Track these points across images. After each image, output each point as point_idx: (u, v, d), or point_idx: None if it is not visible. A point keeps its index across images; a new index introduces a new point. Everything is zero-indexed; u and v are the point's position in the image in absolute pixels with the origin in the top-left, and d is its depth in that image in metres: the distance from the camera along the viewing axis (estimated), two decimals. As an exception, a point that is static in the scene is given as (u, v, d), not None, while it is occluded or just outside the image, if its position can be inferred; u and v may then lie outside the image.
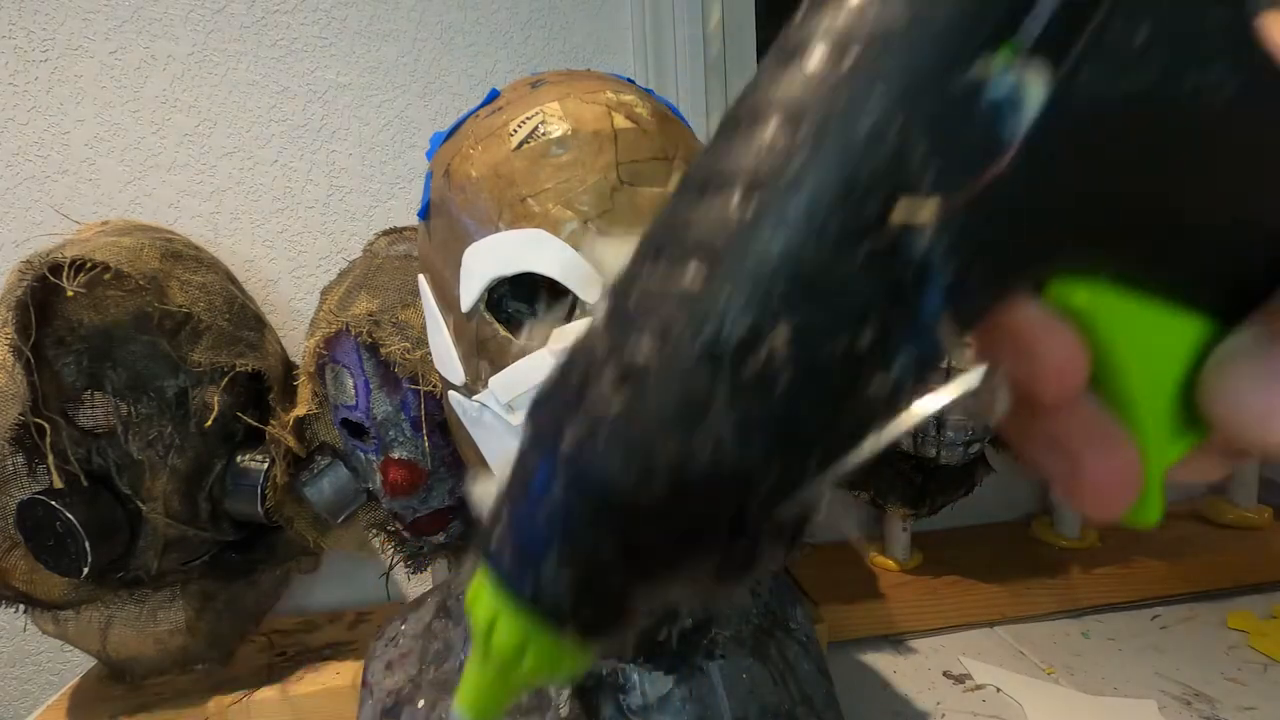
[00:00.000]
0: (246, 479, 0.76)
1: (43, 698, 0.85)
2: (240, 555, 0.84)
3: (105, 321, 0.75)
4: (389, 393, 0.68)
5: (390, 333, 0.65)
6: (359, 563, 0.99)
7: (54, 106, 0.89)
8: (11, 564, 0.73)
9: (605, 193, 0.40)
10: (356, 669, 0.81)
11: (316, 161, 0.96)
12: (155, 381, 0.76)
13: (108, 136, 0.90)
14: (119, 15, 0.89)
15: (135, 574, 0.77)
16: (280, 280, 0.97)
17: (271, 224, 0.96)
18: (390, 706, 0.54)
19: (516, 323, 0.45)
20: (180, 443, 0.76)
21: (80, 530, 0.67)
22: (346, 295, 0.69)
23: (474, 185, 0.42)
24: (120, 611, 0.77)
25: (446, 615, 0.58)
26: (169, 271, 0.70)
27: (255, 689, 0.79)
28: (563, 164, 0.40)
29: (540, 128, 0.41)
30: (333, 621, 0.95)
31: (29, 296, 0.67)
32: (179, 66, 0.91)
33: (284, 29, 0.93)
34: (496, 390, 0.41)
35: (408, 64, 0.96)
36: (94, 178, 0.91)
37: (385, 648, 0.59)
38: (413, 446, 0.69)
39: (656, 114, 0.43)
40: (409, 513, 0.72)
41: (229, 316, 0.74)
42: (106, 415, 0.76)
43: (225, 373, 0.73)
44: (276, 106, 0.94)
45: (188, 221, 0.93)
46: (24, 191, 0.90)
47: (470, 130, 0.45)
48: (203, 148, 0.93)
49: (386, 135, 0.97)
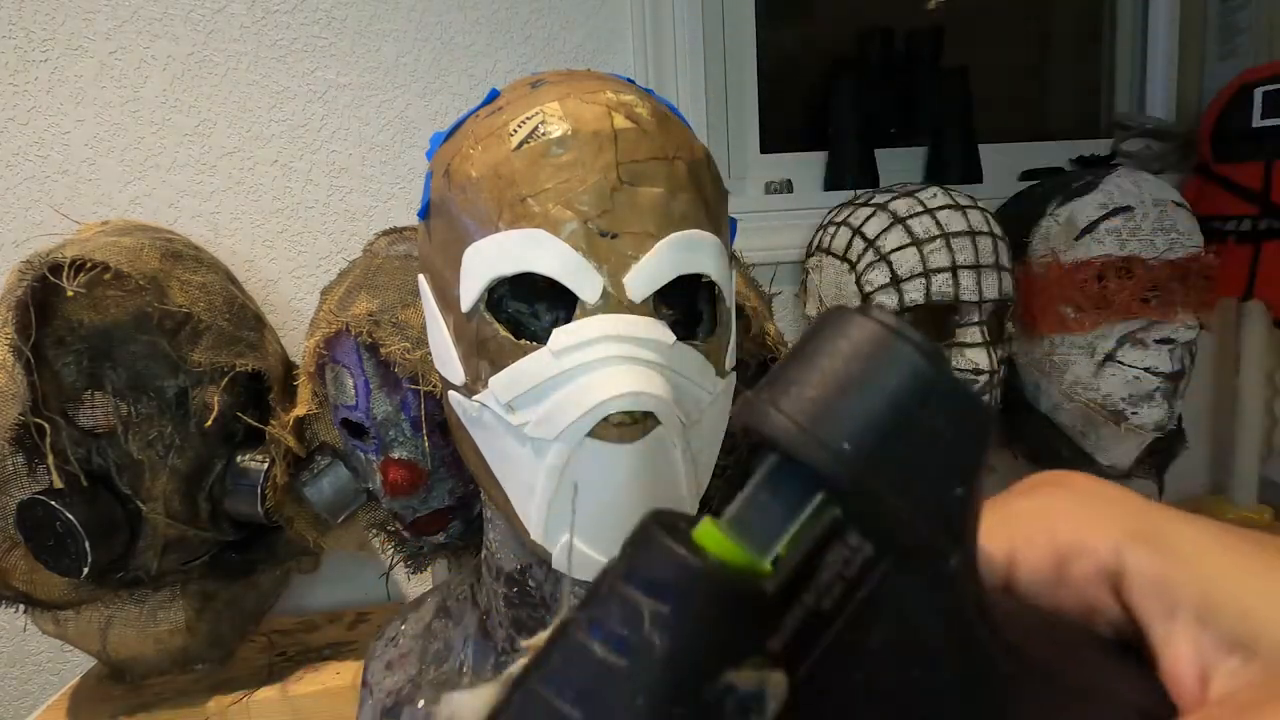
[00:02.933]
0: (246, 479, 0.76)
1: (43, 698, 0.85)
2: (240, 555, 0.84)
3: (105, 321, 0.75)
4: (389, 393, 0.68)
5: (390, 333, 0.65)
6: (359, 563, 0.99)
7: (54, 106, 0.89)
8: (11, 564, 0.73)
9: (605, 193, 0.40)
10: (356, 669, 0.81)
11: (316, 161, 0.96)
12: (155, 381, 0.76)
13: (108, 136, 0.90)
14: (119, 15, 0.89)
15: (135, 574, 0.77)
16: (280, 280, 0.97)
17: (271, 224, 0.96)
18: (390, 706, 0.54)
19: (516, 323, 0.45)
20: (180, 443, 0.76)
21: (80, 530, 0.67)
22: (346, 295, 0.69)
23: (474, 185, 0.42)
24: (120, 611, 0.77)
25: (446, 615, 0.58)
26: (169, 271, 0.70)
27: (255, 689, 0.79)
28: (563, 164, 0.40)
29: (540, 128, 0.41)
30: (333, 621, 0.95)
31: (29, 296, 0.67)
32: (179, 66, 0.91)
33: (284, 29, 0.93)
34: (496, 390, 0.41)
35: (408, 64, 0.96)
36: (94, 178, 0.91)
37: (385, 648, 0.59)
38: (413, 446, 0.69)
39: (656, 114, 0.43)
40: (409, 513, 0.72)
41: (229, 316, 0.74)
42: (106, 415, 0.76)
43: (225, 373, 0.73)
44: (276, 106, 0.94)
45: (188, 221, 0.93)
46: (24, 191, 0.90)
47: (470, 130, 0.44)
48: (203, 148, 0.93)
49: (386, 135, 0.97)
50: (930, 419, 0.17)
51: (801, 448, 0.17)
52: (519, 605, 0.51)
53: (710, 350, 0.44)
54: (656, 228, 0.41)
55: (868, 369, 0.17)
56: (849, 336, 0.17)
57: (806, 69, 1.24)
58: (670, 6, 0.99)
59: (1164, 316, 0.83)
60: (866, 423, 0.17)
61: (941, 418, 0.17)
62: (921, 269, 0.79)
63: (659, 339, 0.40)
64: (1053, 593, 0.21)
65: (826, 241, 0.90)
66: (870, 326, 0.17)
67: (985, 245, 0.80)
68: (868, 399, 0.17)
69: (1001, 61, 1.33)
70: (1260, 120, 1.00)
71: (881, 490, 0.16)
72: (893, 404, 0.17)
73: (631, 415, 0.39)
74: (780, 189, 1.13)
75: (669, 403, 0.39)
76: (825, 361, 0.17)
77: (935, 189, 0.84)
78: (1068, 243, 0.86)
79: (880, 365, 0.17)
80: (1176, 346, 0.83)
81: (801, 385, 0.17)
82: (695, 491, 0.44)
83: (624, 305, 0.40)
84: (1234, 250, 1.03)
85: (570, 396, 0.39)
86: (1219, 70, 1.18)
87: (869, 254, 0.83)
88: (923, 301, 0.79)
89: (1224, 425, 1.20)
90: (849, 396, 0.17)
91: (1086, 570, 0.21)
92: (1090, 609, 0.21)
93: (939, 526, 0.17)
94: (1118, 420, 0.85)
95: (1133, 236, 0.83)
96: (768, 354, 0.69)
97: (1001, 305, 0.82)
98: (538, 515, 0.42)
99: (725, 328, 0.45)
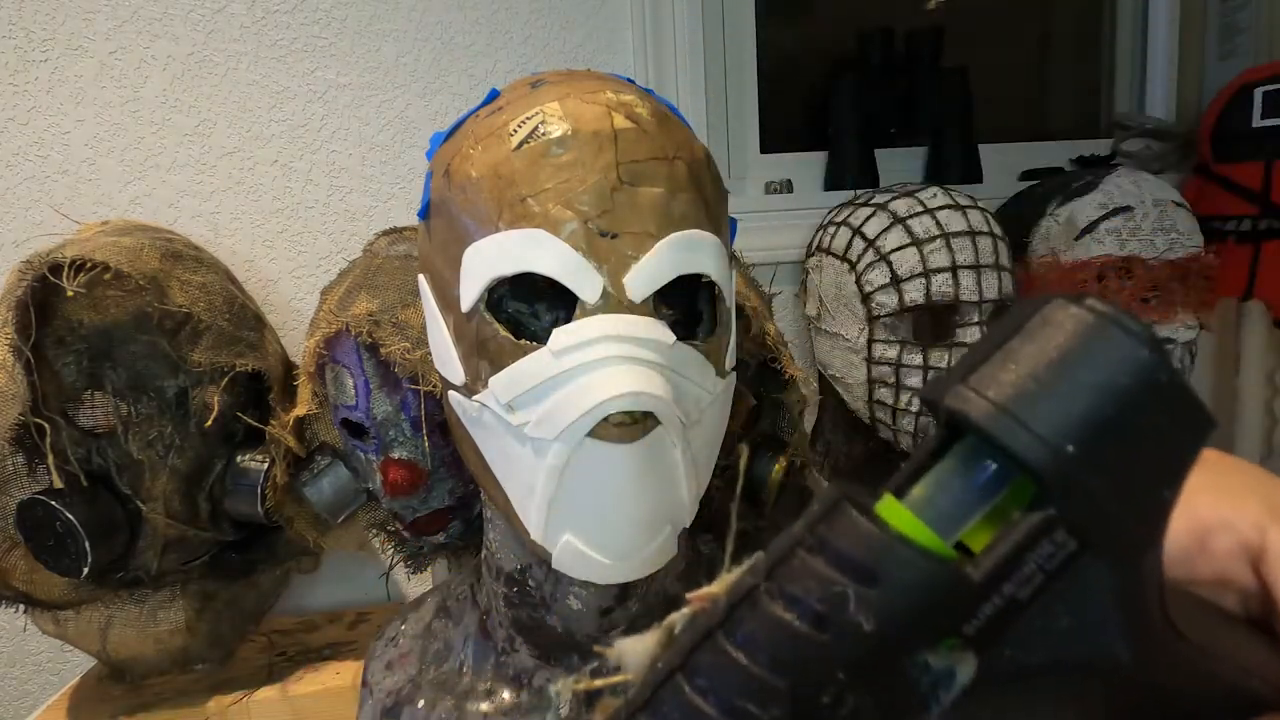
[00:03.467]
0: (246, 479, 0.76)
1: (43, 698, 0.85)
2: (240, 555, 0.84)
3: (105, 321, 0.74)
4: (389, 393, 0.68)
5: (390, 333, 0.65)
6: (359, 563, 0.99)
7: (54, 106, 0.89)
8: (11, 564, 0.73)
9: (605, 193, 0.40)
10: (356, 669, 0.81)
11: (316, 161, 0.96)
12: (155, 381, 0.76)
13: (108, 136, 0.90)
14: (119, 15, 0.89)
15: (135, 574, 0.77)
16: (280, 280, 0.97)
17: (271, 224, 0.96)
18: (390, 706, 0.54)
19: (516, 323, 0.45)
20: (180, 443, 0.76)
21: (80, 530, 0.67)
22: (346, 295, 0.69)
23: (474, 185, 0.42)
24: (120, 611, 0.77)
25: (446, 615, 0.58)
26: (169, 271, 0.70)
27: (255, 689, 0.79)
28: (563, 164, 0.40)
29: (540, 128, 0.41)
30: (333, 621, 0.95)
31: (29, 296, 0.67)
32: (179, 66, 0.91)
33: (284, 29, 0.93)
34: (496, 390, 0.41)
35: (408, 64, 0.96)
36: (94, 178, 0.91)
37: (385, 648, 0.59)
38: (413, 446, 0.69)
39: (656, 114, 0.43)
40: (409, 513, 0.72)
41: (229, 316, 0.74)
42: (106, 415, 0.76)
43: (225, 373, 0.73)
44: (276, 106, 0.94)
45: (188, 221, 0.93)
46: (24, 191, 0.90)
47: (470, 130, 0.44)
48: (203, 148, 0.93)
49: (386, 135, 0.97)
50: (1150, 418, 0.16)
51: (1012, 438, 0.16)
52: (519, 605, 0.51)
53: (710, 350, 0.44)
54: (656, 228, 0.41)
55: (1085, 358, 0.16)
56: (1057, 323, 0.17)
57: (806, 69, 1.24)
58: (670, 6, 0.99)
59: (1164, 317, 0.83)
60: (1085, 419, 0.16)
61: (1164, 416, 0.16)
62: (921, 269, 0.79)
63: (659, 339, 0.40)
64: (1190, 565, 0.22)
65: (826, 241, 0.90)
66: (1082, 314, 0.17)
67: (985, 245, 0.80)
68: (1087, 392, 0.16)
69: (1001, 61, 1.33)
70: (1260, 120, 1.00)
71: (1099, 493, 0.16)
72: (1118, 402, 0.16)
73: (631, 415, 0.39)
74: (780, 189, 1.13)
75: (669, 403, 0.39)
76: (1032, 346, 0.17)
77: (935, 189, 0.84)
78: (1068, 243, 0.86)
79: (1099, 356, 0.16)
80: (1176, 346, 0.83)
81: (1006, 369, 0.17)
82: (695, 491, 0.44)
83: (624, 305, 0.40)
84: (1234, 250, 1.03)
85: (570, 396, 0.39)
86: (1219, 70, 1.18)
87: (869, 254, 0.83)
88: (923, 301, 0.79)
89: (1224, 425, 1.20)
90: (1064, 387, 0.16)
91: (1228, 545, 0.21)
92: (1225, 582, 0.22)
93: (1145, 526, 0.17)
94: (1118, 420, 0.85)
95: (1133, 236, 0.83)
96: (768, 354, 0.69)
97: (1002, 305, 0.82)
98: (538, 515, 0.42)
99: (725, 328, 0.45)
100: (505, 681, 0.52)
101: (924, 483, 0.18)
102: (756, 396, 0.76)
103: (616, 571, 0.42)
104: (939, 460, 0.18)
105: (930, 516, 0.17)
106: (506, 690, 0.52)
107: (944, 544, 0.17)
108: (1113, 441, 0.16)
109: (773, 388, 0.75)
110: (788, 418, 0.74)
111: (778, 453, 0.72)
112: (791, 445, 0.73)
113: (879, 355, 0.82)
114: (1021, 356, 0.17)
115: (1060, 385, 0.16)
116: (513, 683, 0.52)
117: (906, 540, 0.16)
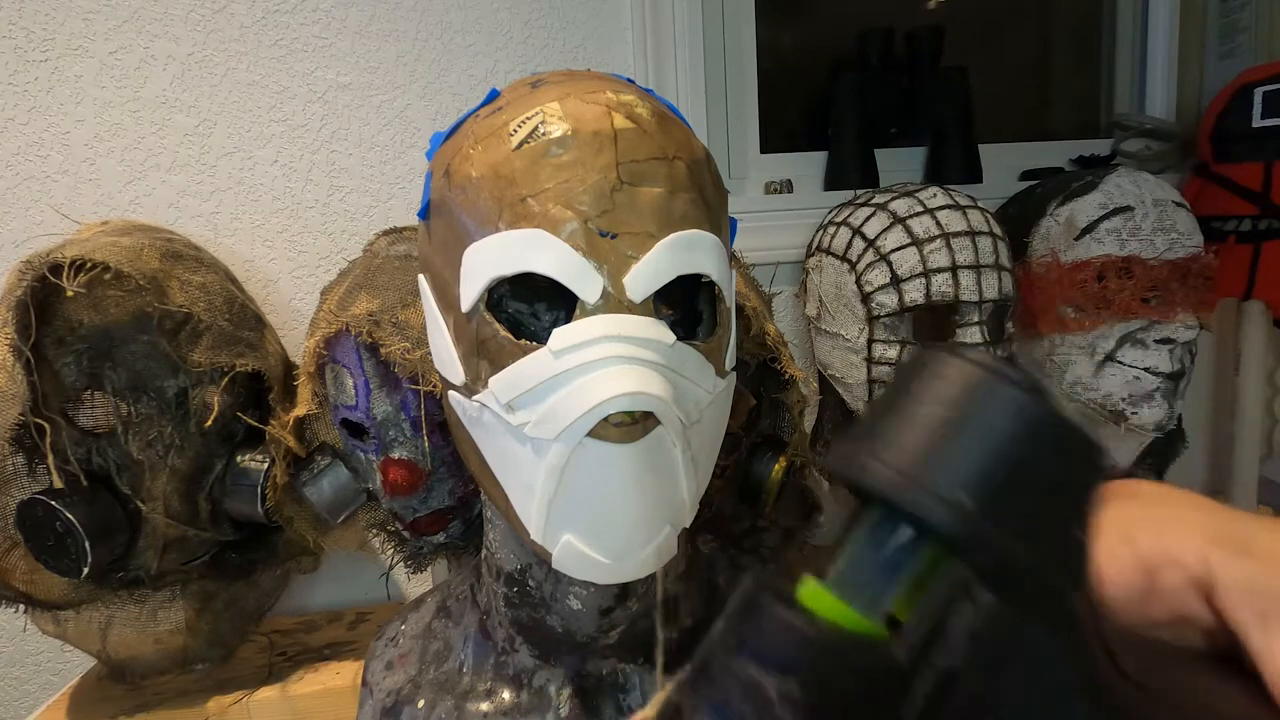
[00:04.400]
0: (246, 479, 0.76)
1: (43, 698, 0.85)
2: (240, 555, 0.84)
3: (105, 321, 0.75)
4: (389, 393, 0.68)
5: (390, 333, 0.65)
6: (359, 563, 0.99)
7: (54, 106, 0.89)
8: (11, 564, 0.73)
9: (605, 193, 0.40)
10: (356, 669, 0.81)
11: (316, 161, 0.96)
12: (155, 381, 0.76)
13: (108, 136, 0.90)
14: (119, 15, 0.89)
15: (135, 574, 0.77)
16: (280, 280, 0.97)
17: (271, 224, 0.96)
18: (390, 706, 0.54)
19: (516, 323, 0.45)
20: (180, 443, 0.76)
21: (80, 530, 0.67)
22: (346, 295, 0.69)
23: (474, 185, 0.42)
24: (120, 611, 0.77)
25: (446, 615, 0.58)
26: (169, 271, 0.70)
27: (255, 689, 0.79)
28: (563, 164, 0.40)
29: (540, 128, 0.41)
30: (333, 621, 0.94)
31: (29, 296, 0.67)
32: (179, 66, 0.91)
33: (284, 29, 0.93)
34: (496, 390, 0.41)
35: (408, 64, 0.96)
36: (94, 178, 0.91)
37: (385, 648, 0.59)
38: (413, 446, 0.69)
39: (656, 114, 0.43)
40: (409, 513, 0.72)
41: (229, 316, 0.74)
42: (106, 415, 0.76)
43: (225, 373, 0.73)
44: (276, 106, 0.94)
45: (188, 221, 0.93)
46: (24, 191, 0.90)
47: (470, 130, 0.44)
48: (203, 148, 0.93)
49: (386, 135, 0.97)
50: (1043, 460, 0.16)
51: (913, 502, 0.16)
52: (519, 605, 0.51)
53: (710, 350, 0.44)
54: (656, 228, 0.41)
55: (972, 414, 0.16)
56: (944, 378, 0.17)
57: (806, 69, 1.24)
58: (670, 6, 0.99)
59: (1164, 316, 0.83)
60: (981, 472, 0.16)
61: (1054, 458, 0.16)
62: (921, 269, 0.79)
63: (659, 339, 0.40)
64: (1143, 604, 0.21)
65: (826, 241, 0.90)
66: (965, 368, 0.17)
67: (985, 245, 0.80)
68: (978, 446, 0.16)
69: (1001, 61, 1.33)
70: (1260, 120, 1.00)
71: (1004, 542, 0.16)
72: (1005, 450, 0.16)
73: (631, 415, 0.39)
74: (780, 189, 1.13)
75: (669, 403, 0.39)
76: (923, 408, 0.17)
77: (935, 189, 0.84)
78: (1068, 243, 0.86)
79: (985, 409, 0.16)
80: (1176, 346, 0.83)
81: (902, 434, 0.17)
82: (695, 492, 0.44)
83: (624, 305, 0.40)
84: (1234, 250, 1.03)
85: (570, 396, 0.39)
86: (1219, 70, 1.18)
87: (869, 254, 0.83)
88: (923, 301, 0.79)
89: (1224, 425, 1.20)
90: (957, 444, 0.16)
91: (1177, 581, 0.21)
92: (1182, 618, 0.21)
93: (1060, 569, 0.17)
94: (1118, 420, 0.85)
95: (1133, 236, 0.83)
96: (767, 354, 0.69)
97: (1002, 305, 0.82)
98: (538, 515, 0.42)
99: (725, 328, 0.45)
100: (505, 681, 0.52)
101: (841, 558, 0.17)
102: (756, 396, 0.76)
103: (616, 571, 0.42)
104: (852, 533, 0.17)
105: (850, 595, 0.16)
106: (506, 690, 0.52)
107: (869, 622, 0.16)
108: (1009, 488, 0.16)
109: (773, 388, 0.75)
110: (788, 418, 0.74)
111: (778, 453, 0.72)
112: (791, 445, 0.73)
113: (879, 355, 0.82)
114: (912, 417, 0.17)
115: (951, 442, 0.16)
116: (513, 683, 0.52)
117: (826, 626, 0.15)
